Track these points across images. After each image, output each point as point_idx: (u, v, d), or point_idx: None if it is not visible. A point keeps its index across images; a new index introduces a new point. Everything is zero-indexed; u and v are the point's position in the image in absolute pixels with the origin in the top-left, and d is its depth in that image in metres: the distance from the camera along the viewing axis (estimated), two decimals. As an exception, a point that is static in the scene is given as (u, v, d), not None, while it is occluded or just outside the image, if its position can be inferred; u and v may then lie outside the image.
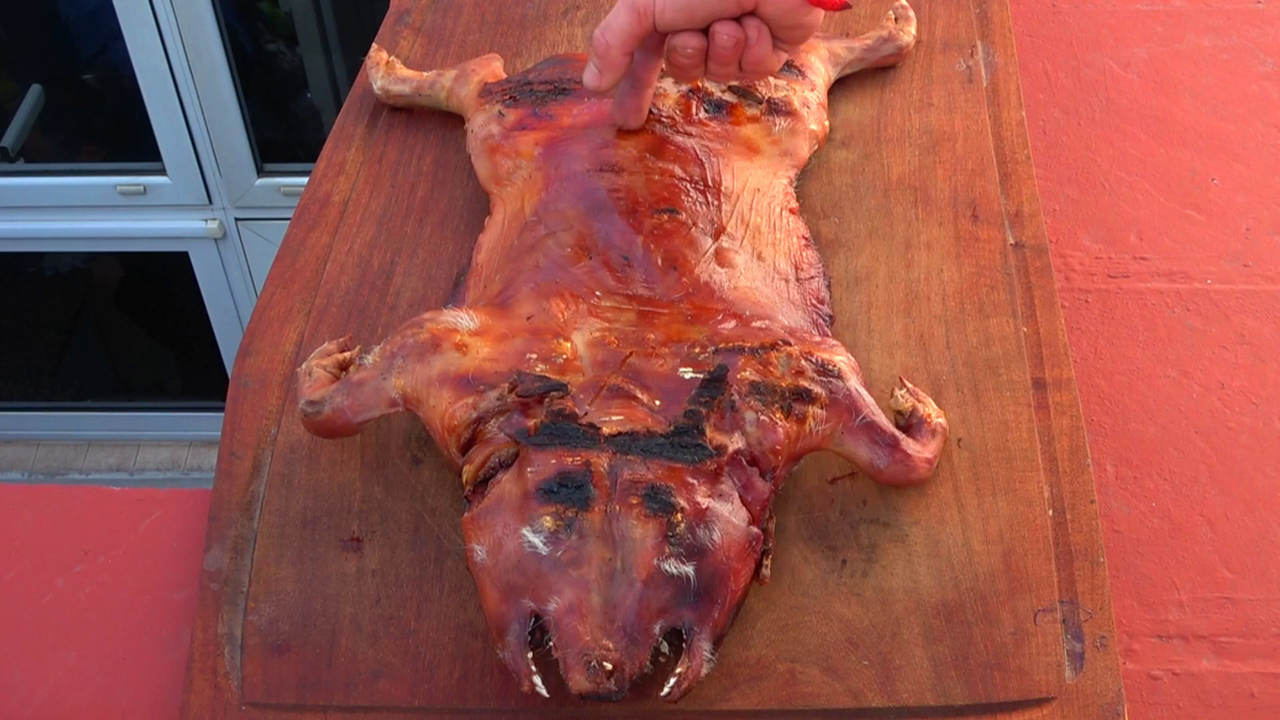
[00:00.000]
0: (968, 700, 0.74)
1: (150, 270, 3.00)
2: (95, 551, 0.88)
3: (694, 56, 0.83)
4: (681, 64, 0.84)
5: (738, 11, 0.81)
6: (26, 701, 0.82)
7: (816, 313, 0.90)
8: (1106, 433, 0.94)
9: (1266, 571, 0.86)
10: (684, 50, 0.82)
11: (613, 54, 0.83)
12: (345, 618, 0.79)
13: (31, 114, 2.72)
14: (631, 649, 0.68)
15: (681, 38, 0.82)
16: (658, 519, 0.70)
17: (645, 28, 0.82)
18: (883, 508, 0.82)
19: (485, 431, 0.77)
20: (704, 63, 0.84)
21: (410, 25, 1.20)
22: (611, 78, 0.85)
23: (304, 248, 1.00)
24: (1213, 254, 1.06)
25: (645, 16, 0.81)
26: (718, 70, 0.84)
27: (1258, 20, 1.26)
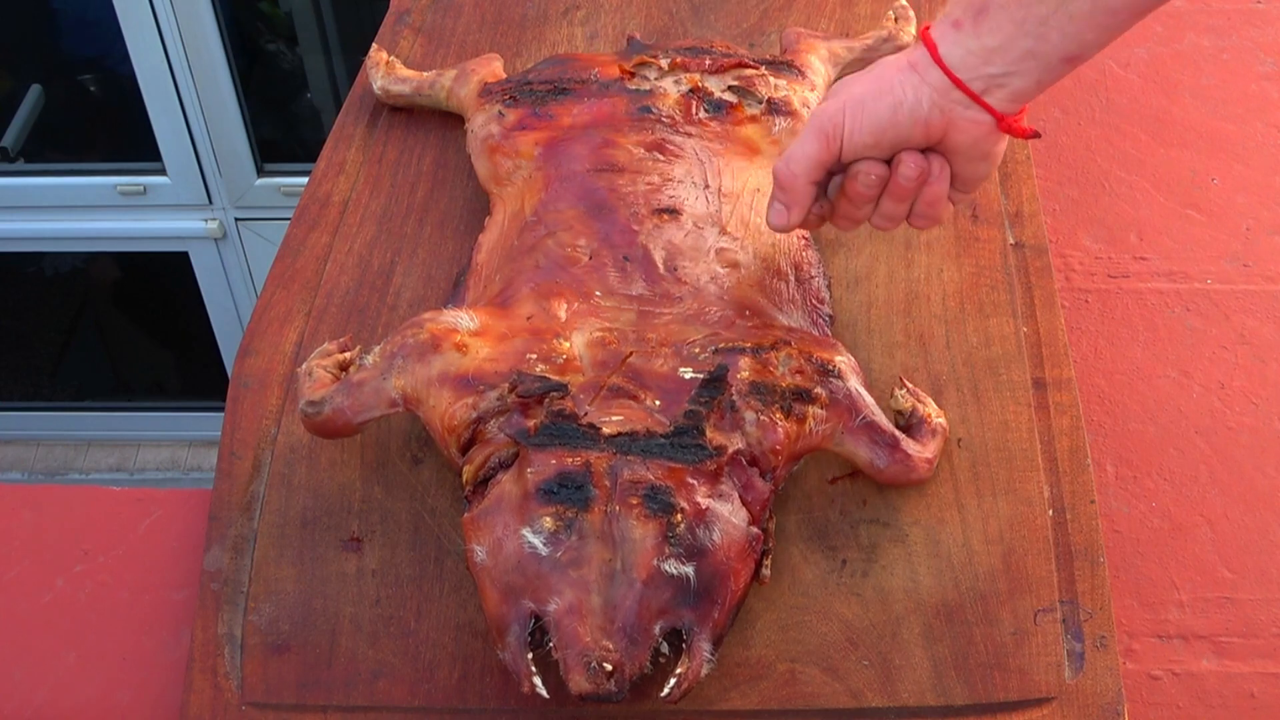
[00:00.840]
0: (968, 700, 0.74)
1: (150, 270, 3.00)
2: (95, 551, 0.88)
3: (874, 186, 0.79)
4: (859, 194, 0.79)
5: (924, 142, 0.77)
6: (26, 701, 0.82)
7: (816, 313, 0.90)
8: (1106, 433, 0.94)
9: (1266, 571, 0.86)
10: (866, 178, 0.78)
11: (799, 184, 0.80)
12: (345, 618, 0.79)
13: (31, 114, 2.72)
14: (631, 650, 0.68)
15: (866, 165, 0.78)
16: (658, 519, 0.70)
17: (832, 154, 0.78)
18: (883, 508, 0.82)
19: (485, 431, 0.77)
20: (879, 196, 0.80)
21: (410, 25, 1.20)
22: (800, 213, 0.81)
23: (304, 248, 1.00)
24: (1213, 254, 1.06)
25: (833, 142, 0.78)
26: (891, 208, 0.80)
27: (1258, 20, 1.26)
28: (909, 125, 0.76)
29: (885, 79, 0.76)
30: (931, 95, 0.74)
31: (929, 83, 0.74)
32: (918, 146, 0.77)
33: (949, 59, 0.73)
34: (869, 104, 0.76)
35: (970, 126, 0.75)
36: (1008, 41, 0.72)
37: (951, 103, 0.74)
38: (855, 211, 0.81)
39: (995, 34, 0.72)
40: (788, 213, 0.81)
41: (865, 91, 0.77)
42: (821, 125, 0.78)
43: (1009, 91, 0.74)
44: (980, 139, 0.76)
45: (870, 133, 0.77)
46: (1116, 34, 0.74)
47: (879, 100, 0.76)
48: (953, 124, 0.75)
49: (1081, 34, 0.71)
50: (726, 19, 1.18)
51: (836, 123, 0.77)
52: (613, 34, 1.17)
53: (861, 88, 0.77)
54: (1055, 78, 0.75)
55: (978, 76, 0.73)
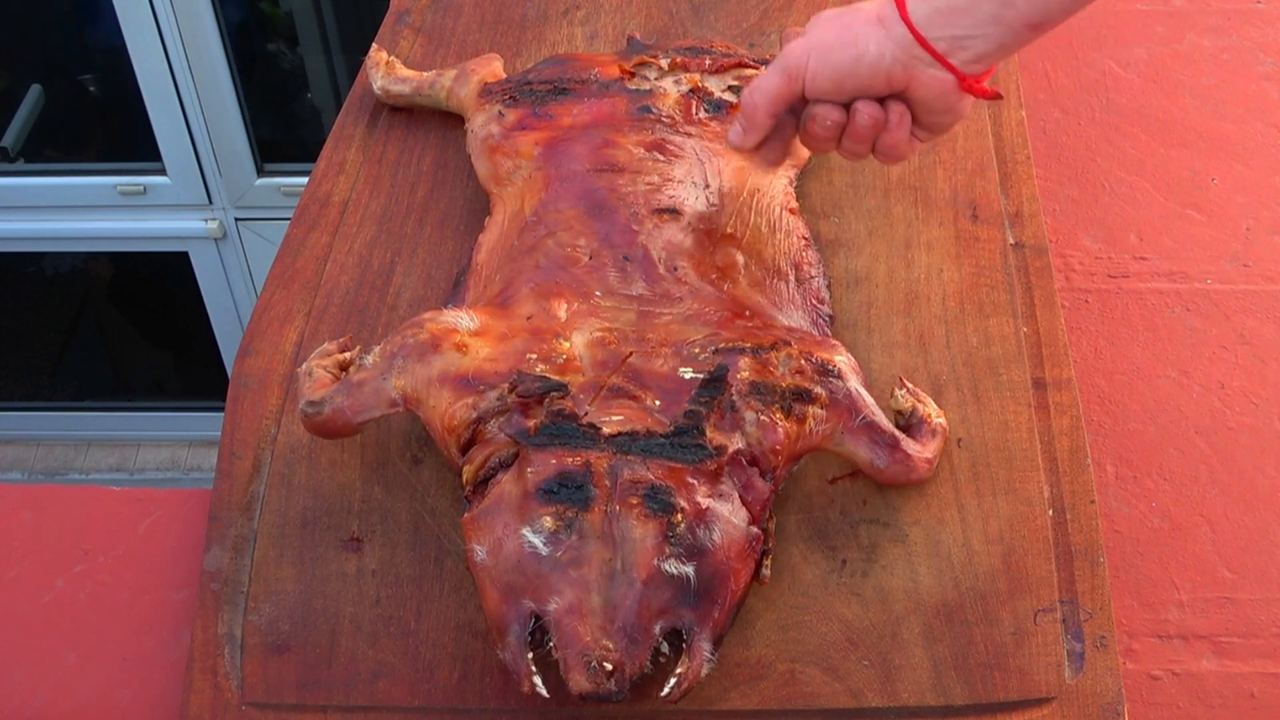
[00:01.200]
0: (968, 700, 0.74)
1: (150, 270, 3.00)
2: (95, 551, 0.88)
3: (831, 130, 0.81)
4: (816, 134, 0.82)
5: (887, 91, 0.79)
6: (26, 701, 0.82)
7: (816, 313, 0.90)
8: (1106, 433, 0.94)
9: (1266, 571, 0.86)
10: (823, 121, 0.81)
11: (759, 114, 0.82)
12: (345, 618, 0.79)
13: (31, 114, 2.72)
14: (632, 649, 0.68)
15: (824, 108, 0.81)
16: (658, 519, 0.70)
17: (794, 91, 0.81)
18: (883, 508, 0.82)
19: (485, 431, 0.77)
20: (839, 137, 0.82)
21: (410, 25, 1.20)
22: (755, 137, 0.84)
23: (304, 248, 1.00)
24: (1213, 254, 1.06)
25: (796, 80, 0.80)
26: (851, 147, 0.82)
27: (1258, 20, 1.26)
28: (869, 76, 0.77)
29: (852, 28, 0.77)
30: (895, 50, 0.76)
31: (893, 37, 0.75)
32: (878, 96, 0.79)
33: (915, 16, 0.74)
34: (833, 51, 0.78)
35: (932, 83, 0.77)
36: (974, 4, 0.73)
37: (914, 59, 0.76)
38: (818, 146, 0.84)
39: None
40: (744, 135, 0.84)
41: (832, 38, 0.78)
42: (786, 63, 0.80)
43: (972, 53, 0.75)
44: (942, 95, 0.78)
45: (830, 79, 0.79)
46: (1083, 5, 0.76)
47: (843, 49, 0.77)
48: (915, 79, 0.77)
49: (1048, 2, 0.73)
50: (726, 19, 1.18)
51: (800, 63, 0.79)
52: (613, 34, 1.17)
53: (830, 34, 0.79)
54: (1019, 44, 0.76)
55: (942, 36, 0.74)
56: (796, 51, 0.80)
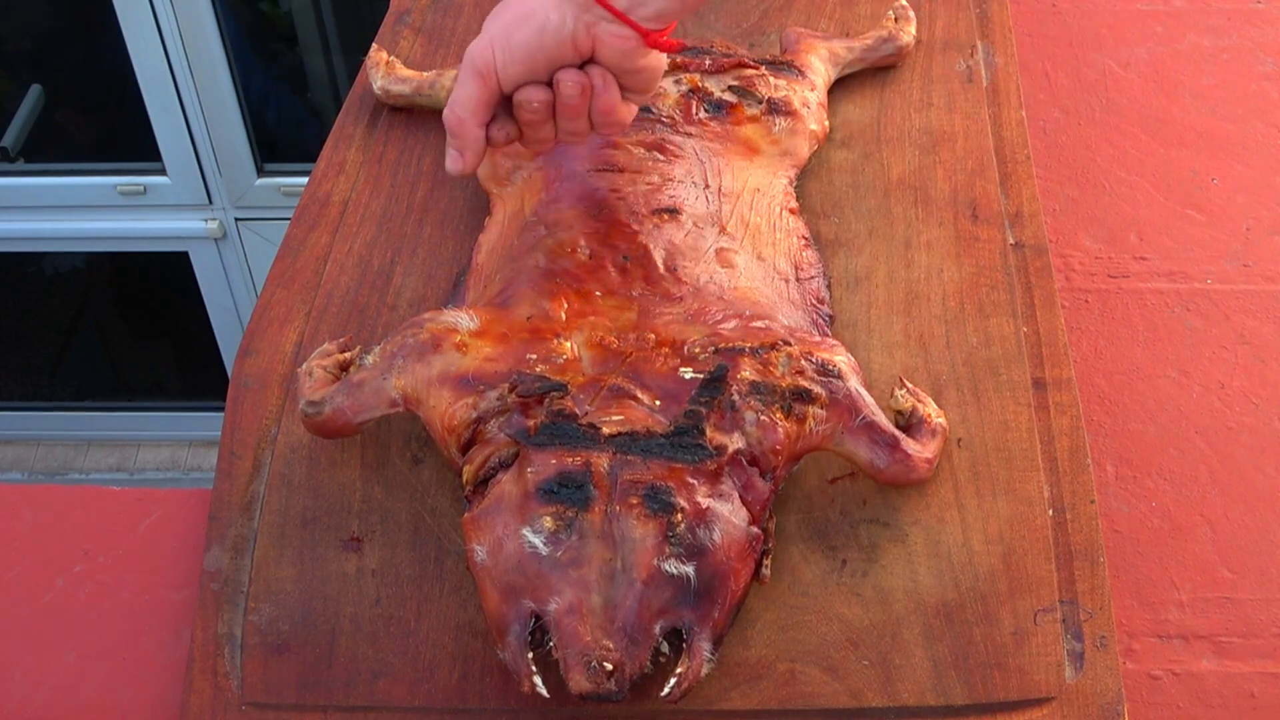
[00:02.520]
0: (968, 700, 0.74)
1: (150, 270, 3.00)
2: (95, 551, 0.88)
3: (541, 110, 0.79)
4: (530, 120, 0.79)
5: (577, 58, 0.77)
6: (26, 701, 0.82)
7: (816, 313, 0.90)
8: (1106, 433, 0.94)
9: (1266, 571, 0.86)
10: (530, 105, 0.78)
11: (468, 129, 0.79)
12: (345, 618, 0.79)
13: (31, 114, 2.72)
14: (632, 649, 0.68)
15: (526, 91, 0.78)
16: (658, 519, 0.70)
17: (491, 91, 0.78)
18: (883, 508, 0.82)
19: (485, 431, 0.77)
20: (552, 117, 0.80)
21: (410, 25, 1.20)
22: (474, 156, 0.80)
23: (304, 248, 1.00)
24: (1213, 254, 1.06)
25: (489, 77, 0.77)
26: (567, 124, 0.80)
27: (1258, 20, 1.26)
28: (556, 45, 0.76)
29: (527, 4, 0.76)
30: (575, 12, 0.75)
31: (572, 1, 0.75)
32: (572, 64, 0.78)
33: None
34: (514, 32, 0.76)
35: (616, 42, 0.76)
36: None
37: (596, 18, 0.75)
38: (536, 135, 0.81)
39: None
40: (462, 158, 0.80)
41: (510, 20, 0.77)
42: (474, 65, 0.78)
43: (652, 10, 0.75)
44: (628, 53, 0.77)
45: (522, 60, 0.77)
46: None
47: (523, 26, 0.76)
48: (599, 39, 0.76)
49: None
50: (726, 19, 1.18)
51: (487, 58, 0.77)
52: (613, 34, 1.17)
53: (505, 17, 0.77)
54: (697, 3, 0.77)
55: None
56: (479, 48, 0.78)
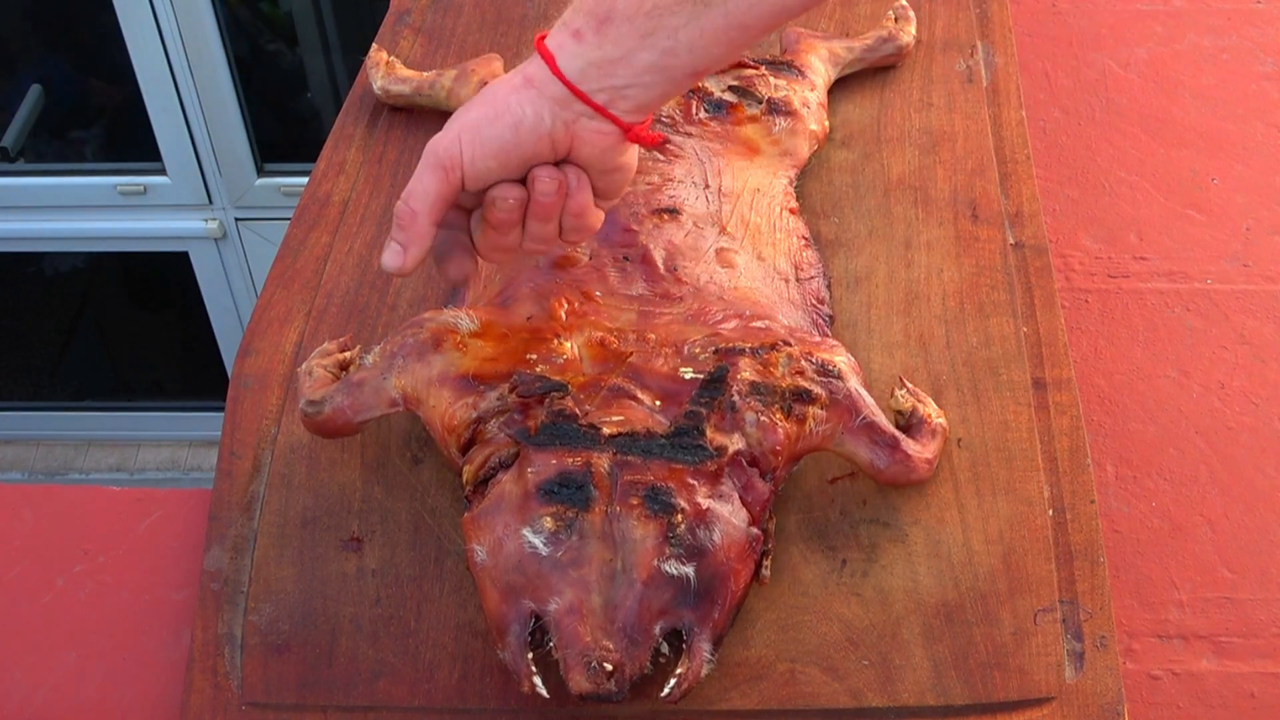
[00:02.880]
0: (968, 700, 0.74)
1: (150, 270, 3.00)
2: (95, 551, 0.88)
3: (515, 210, 0.74)
4: (501, 220, 0.74)
5: (553, 156, 0.73)
6: (26, 701, 0.82)
7: (816, 313, 0.90)
8: (1106, 433, 0.94)
9: (1266, 571, 0.86)
10: (504, 203, 0.73)
11: (420, 223, 0.73)
12: (345, 618, 0.79)
13: (31, 114, 2.72)
14: (632, 650, 0.68)
15: (501, 189, 0.73)
16: (658, 520, 0.70)
17: (453, 186, 0.73)
18: (883, 508, 0.82)
19: (485, 431, 0.77)
20: (523, 218, 0.75)
21: (410, 25, 1.20)
22: (418, 253, 0.74)
23: (304, 248, 1.00)
24: (1213, 254, 1.06)
25: (453, 173, 0.72)
26: (537, 227, 0.75)
27: (1258, 20, 1.26)
28: (533, 142, 0.72)
29: (499, 99, 0.72)
30: (553, 108, 0.71)
31: (548, 96, 0.71)
32: (546, 162, 0.73)
33: (568, 71, 0.70)
34: (485, 127, 0.72)
35: (596, 138, 0.72)
36: (631, 53, 0.69)
37: (575, 114, 0.71)
38: (502, 239, 0.76)
39: (619, 45, 0.69)
40: (404, 252, 0.74)
41: (480, 116, 0.72)
42: (438, 158, 0.72)
43: (633, 103, 0.71)
44: (608, 150, 0.73)
45: (494, 156, 0.72)
46: (744, 49, 0.73)
47: (496, 122, 0.71)
48: (578, 136, 0.72)
49: (710, 49, 0.69)
50: (726, 19, 1.18)
51: (453, 153, 0.72)
52: (613, 34, 1.17)
53: (476, 113, 0.72)
54: (681, 90, 0.73)
55: (601, 89, 0.70)
56: (444, 142, 0.72)
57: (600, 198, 0.76)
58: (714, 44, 0.69)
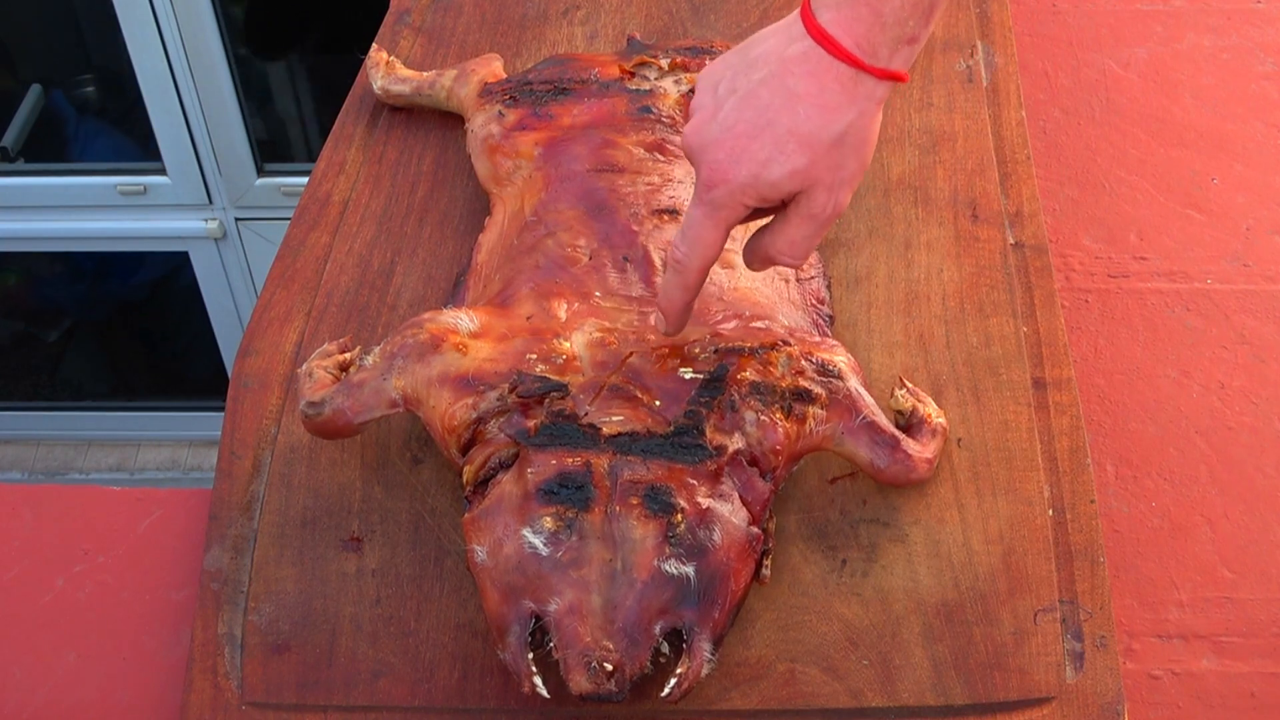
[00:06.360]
0: (968, 700, 0.74)
1: (150, 270, 3.00)
2: (95, 551, 0.88)
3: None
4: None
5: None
6: (26, 701, 0.82)
7: (816, 313, 0.90)
8: (1106, 433, 0.94)
9: (1266, 571, 0.86)
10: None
11: (694, 277, 0.72)
12: (345, 618, 0.79)
13: (31, 114, 2.72)
14: (632, 650, 0.68)
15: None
16: (658, 519, 0.70)
17: (737, 220, 0.70)
18: (883, 508, 0.82)
19: (485, 432, 0.77)
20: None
21: (410, 25, 1.20)
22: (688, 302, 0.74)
23: (304, 248, 1.00)
24: (1213, 254, 1.06)
25: (736, 211, 0.69)
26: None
27: (1258, 20, 1.26)
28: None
29: (829, 106, 0.66)
30: (875, 110, 0.68)
31: (875, 96, 0.67)
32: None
33: (864, 53, 0.66)
34: (839, 152, 0.67)
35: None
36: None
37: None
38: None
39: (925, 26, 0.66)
40: (675, 314, 0.76)
41: (815, 129, 0.67)
42: (739, 195, 0.68)
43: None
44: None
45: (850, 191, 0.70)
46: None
47: (858, 149, 0.68)
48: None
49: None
50: (726, 19, 1.18)
51: (775, 183, 0.68)
52: (613, 34, 1.17)
53: (812, 121, 0.66)
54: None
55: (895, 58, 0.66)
56: (743, 173, 0.67)
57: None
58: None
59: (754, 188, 0.68)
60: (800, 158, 0.66)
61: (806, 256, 0.72)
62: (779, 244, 0.71)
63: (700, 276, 0.73)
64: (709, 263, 0.72)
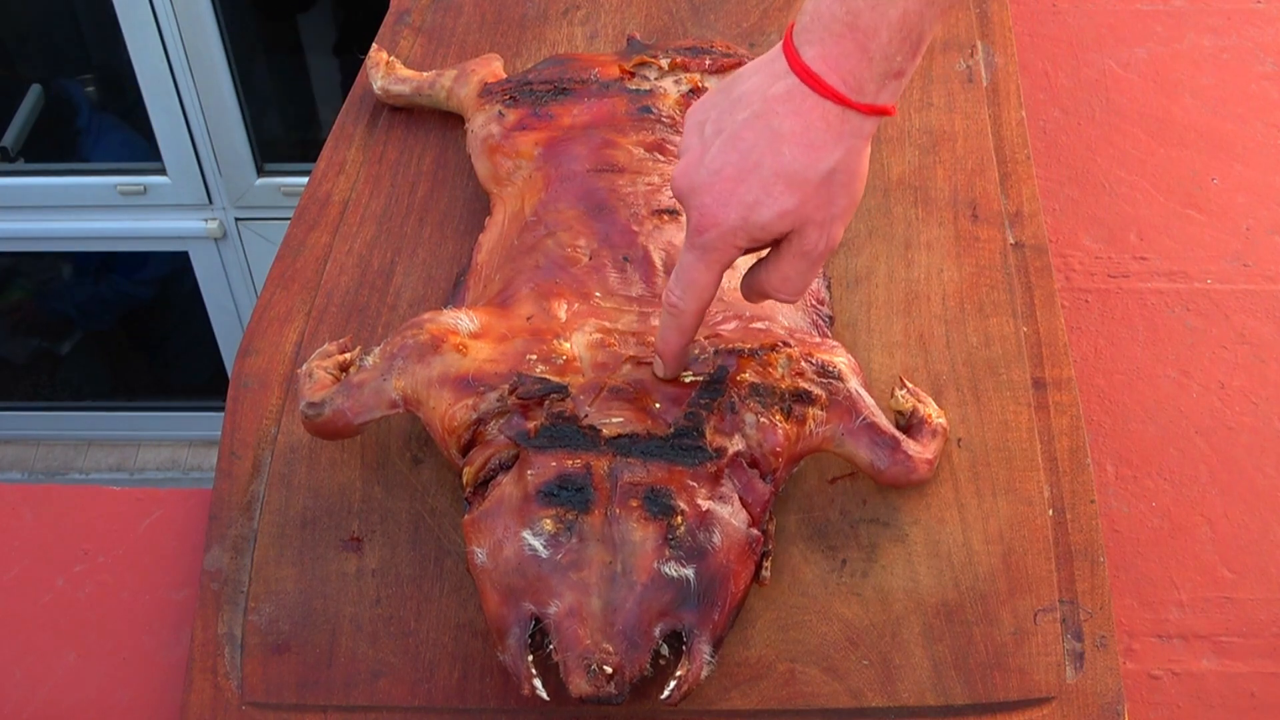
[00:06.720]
0: (968, 700, 0.74)
1: (150, 270, 3.00)
2: (95, 551, 0.88)
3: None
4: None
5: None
6: (26, 701, 0.82)
7: (816, 313, 0.90)
8: (1106, 433, 0.94)
9: (1266, 571, 0.86)
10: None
11: (690, 320, 0.72)
12: (345, 618, 0.79)
13: (31, 114, 2.72)
14: (631, 652, 0.68)
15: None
16: (658, 522, 0.70)
17: (729, 261, 0.70)
18: (883, 508, 0.82)
19: (485, 433, 0.77)
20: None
21: (410, 25, 1.20)
22: (684, 344, 0.74)
23: (304, 248, 1.00)
24: (1213, 254, 1.06)
25: (728, 253, 0.69)
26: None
27: (1258, 20, 1.26)
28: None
29: (817, 143, 0.65)
30: (863, 146, 0.67)
31: (861, 133, 0.66)
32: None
33: (852, 91, 0.64)
34: (827, 191, 0.67)
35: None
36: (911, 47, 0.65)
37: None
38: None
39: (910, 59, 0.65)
40: (673, 358, 0.76)
41: (801, 168, 0.66)
42: (739, 233, 0.68)
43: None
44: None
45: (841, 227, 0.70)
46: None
47: (845, 186, 0.67)
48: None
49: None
50: (726, 19, 1.18)
51: (768, 223, 0.67)
52: (613, 34, 1.17)
53: (795, 159, 0.65)
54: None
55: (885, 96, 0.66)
56: (733, 217, 0.67)
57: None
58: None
59: (744, 230, 0.67)
60: (789, 199, 0.66)
61: (803, 292, 0.72)
62: (774, 280, 0.71)
63: (696, 320, 0.73)
64: (705, 305, 0.72)
